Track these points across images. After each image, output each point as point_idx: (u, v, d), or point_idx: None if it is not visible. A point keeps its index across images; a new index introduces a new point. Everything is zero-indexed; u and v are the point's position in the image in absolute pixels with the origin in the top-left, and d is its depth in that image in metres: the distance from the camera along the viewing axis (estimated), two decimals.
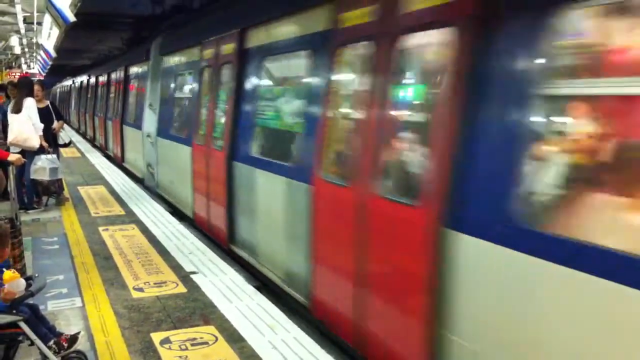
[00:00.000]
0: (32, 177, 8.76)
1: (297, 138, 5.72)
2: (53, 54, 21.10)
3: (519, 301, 2.97)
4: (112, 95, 17.27)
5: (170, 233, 7.68)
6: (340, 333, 4.73)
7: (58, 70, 44.16)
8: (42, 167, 8.73)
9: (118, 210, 9.19)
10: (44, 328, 3.84)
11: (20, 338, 3.78)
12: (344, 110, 4.93)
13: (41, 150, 8.73)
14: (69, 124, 28.30)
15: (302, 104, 5.65)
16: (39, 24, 15.78)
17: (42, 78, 28.48)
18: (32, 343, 3.73)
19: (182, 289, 5.55)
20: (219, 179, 7.38)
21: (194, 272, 6.03)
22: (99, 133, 19.98)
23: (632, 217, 2.64)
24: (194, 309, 5.06)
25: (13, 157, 6.46)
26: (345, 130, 4.87)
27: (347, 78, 4.96)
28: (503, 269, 3.06)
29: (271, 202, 6.05)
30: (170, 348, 4.29)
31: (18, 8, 13.24)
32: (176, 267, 6.20)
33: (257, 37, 6.83)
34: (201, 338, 4.46)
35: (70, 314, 4.93)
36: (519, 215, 2.97)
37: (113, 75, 17.46)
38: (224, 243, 7.39)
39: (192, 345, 4.34)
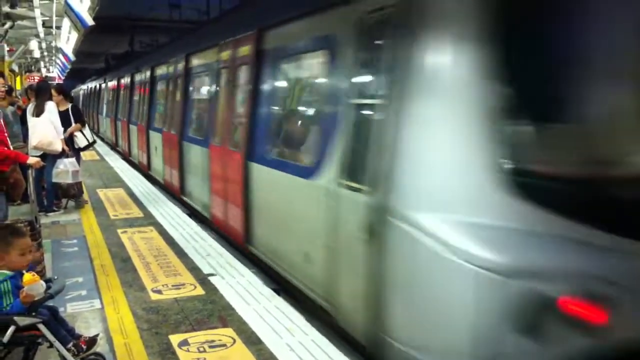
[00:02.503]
0: (53, 180, 8.83)
1: (204, 122, 9.50)
2: (72, 57, 21.33)
3: (267, 186, 6.53)
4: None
5: (188, 235, 7.70)
6: (221, 228, 8.19)
7: (77, 73, 44.65)
8: (64, 171, 8.82)
9: (136, 212, 9.25)
10: (63, 330, 3.84)
11: (40, 340, 3.78)
12: (217, 103, 8.58)
13: (62, 154, 8.81)
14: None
15: (209, 100, 9.34)
16: (58, 28, 15.97)
17: (60, 82, 28.89)
18: (51, 345, 3.73)
19: (200, 291, 5.56)
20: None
21: (211, 274, 6.04)
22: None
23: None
24: (212, 311, 5.07)
25: (32, 160, 6.49)
26: (218, 115, 8.53)
27: (222, 85, 8.55)
28: (263, 175, 6.57)
29: (196, 163, 9.59)
30: (188, 350, 4.29)
31: (37, 12, 13.39)
32: (194, 269, 6.21)
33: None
34: (219, 340, 4.46)
35: (89, 316, 4.96)
36: (265, 150, 6.62)
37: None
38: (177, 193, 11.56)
39: (210, 347, 4.34)
